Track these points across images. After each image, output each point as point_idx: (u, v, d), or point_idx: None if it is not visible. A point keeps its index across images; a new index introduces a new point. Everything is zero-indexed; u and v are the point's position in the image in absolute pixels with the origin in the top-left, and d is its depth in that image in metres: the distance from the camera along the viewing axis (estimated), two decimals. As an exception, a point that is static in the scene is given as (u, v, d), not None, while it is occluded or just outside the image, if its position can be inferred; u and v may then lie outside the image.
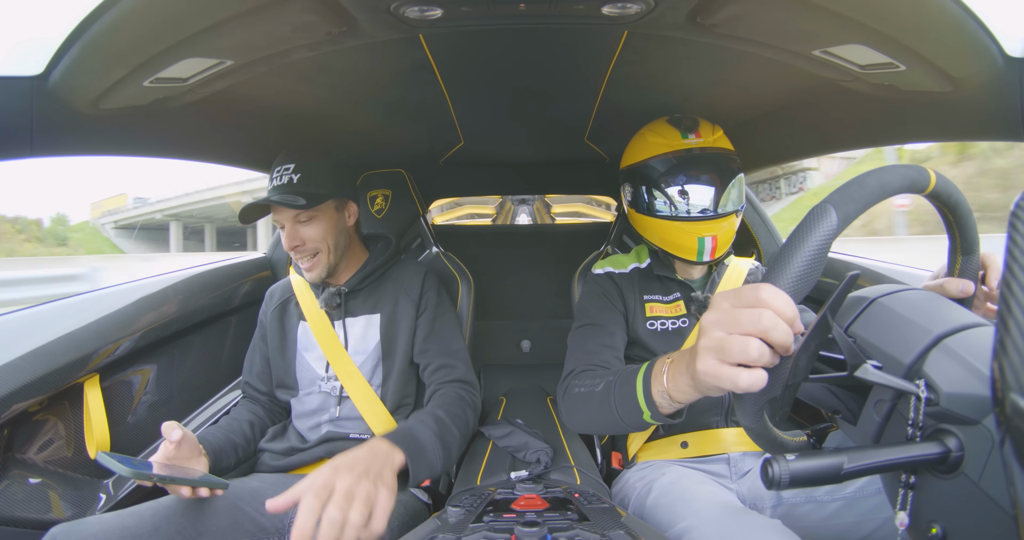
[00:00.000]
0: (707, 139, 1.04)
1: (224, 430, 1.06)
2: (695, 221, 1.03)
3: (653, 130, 1.09)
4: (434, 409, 1.00)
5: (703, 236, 1.02)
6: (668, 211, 1.05)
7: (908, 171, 0.52)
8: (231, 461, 1.03)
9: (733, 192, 1.05)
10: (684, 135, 1.04)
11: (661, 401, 0.67)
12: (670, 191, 1.05)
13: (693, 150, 1.03)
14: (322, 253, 1.09)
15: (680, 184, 1.04)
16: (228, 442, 1.03)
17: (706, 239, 1.03)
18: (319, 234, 1.08)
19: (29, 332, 0.92)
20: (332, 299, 1.13)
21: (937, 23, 0.63)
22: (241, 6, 0.62)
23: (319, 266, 1.09)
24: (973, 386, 0.44)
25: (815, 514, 0.87)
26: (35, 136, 0.72)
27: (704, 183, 1.04)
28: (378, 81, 1.03)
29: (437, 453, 0.89)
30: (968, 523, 0.43)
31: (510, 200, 4.47)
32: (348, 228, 1.15)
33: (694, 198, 1.04)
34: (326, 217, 1.09)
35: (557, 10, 0.70)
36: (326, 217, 1.09)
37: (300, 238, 1.07)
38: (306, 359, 1.15)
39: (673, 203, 1.05)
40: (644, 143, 1.09)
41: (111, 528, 0.77)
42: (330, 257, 1.10)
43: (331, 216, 1.11)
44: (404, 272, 1.21)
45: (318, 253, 1.09)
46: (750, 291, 0.47)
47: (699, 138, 1.04)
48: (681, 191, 1.04)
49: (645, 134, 1.10)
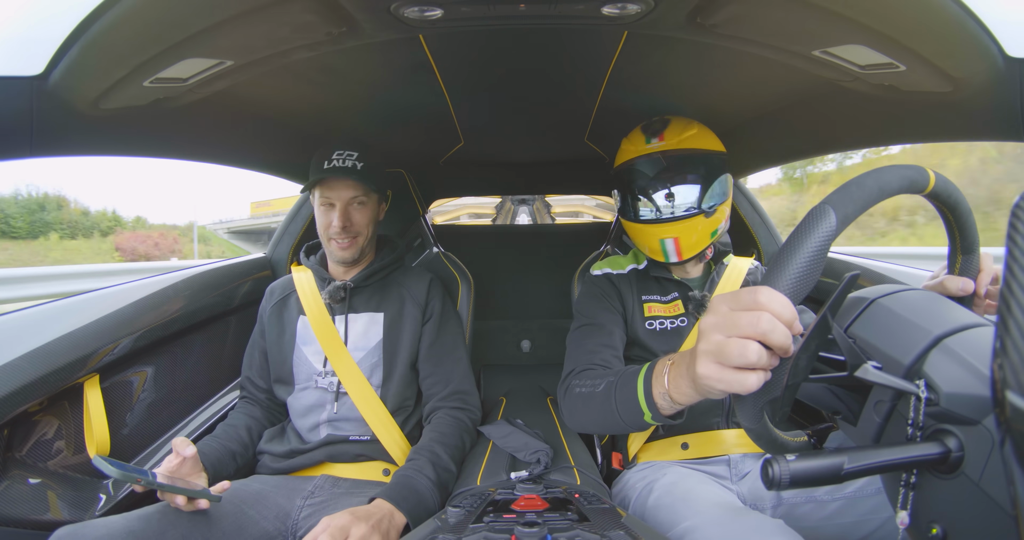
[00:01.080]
0: (670, 142, 1.04)
1: (221, 439, 1.07)
2: (655, 224, 1.05)
3: (628, 137, 1.12)
4: (432, 445, 1.02)
5: (664, 238, 1.04)
6: (632, 215, 1.09)
7: (907, 171, 0.52)
8: (230, 470, 1.04)
9: (696, 192, 1.04)
10: (648, 140, 1.06)
11: (662, 402, 0.67)
12: (636, 195, 1.08)
13: (653, 154, 1.05)
14: (361, 236, 1.15)
15: (639, 188, 1.07)
16: (226, 452, 1.04)
17: (667, 241, 1.04)
18: (366, 220, 1.15)
19: (29, 332, 0.92)
20: (337, 292, 1.15)
21: (937, 23, 0.63)
22: (241, 6, 0.62)
23: (354, 247, 1.15)
24: (973, 386, 0.44)
25: (815, 514, 0.87)
26: (35, 136, 0.72)
27: (660, 187, 1.05)
28: (378, 81, 1.03)
29: (435, 499, 0.93)
30: (968, 523, 0.43)
31: (510, 200, 4.47)
32: (378, 223, 1.22)
33: (654, 201, 1.06)
34: (373, 206, 1.17)
35: (557, 10, 0.70)
36: (373, 206, 1.17)
37: (351, 219, 1.13)
38: (304, 353, 1.15)
39: (636, 207, 1.08)
40: (621, 150, 1.12)
41: (117, 531, 0.77)
42: (365, 243, 1.16)
43: (376, 207, 1.19)
44: (409, 277, 1.24)
45: (359, 236, 1.15)
46: (748, 294, 0.47)
47: (661, 141, 1.05)
48: (642, 195, 1.07)
49: (623, 141, 1.13)
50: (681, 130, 1.05)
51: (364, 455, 1.09)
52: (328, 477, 1.07)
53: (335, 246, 1.14)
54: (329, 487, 1.03)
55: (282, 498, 0.98)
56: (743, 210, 1.60)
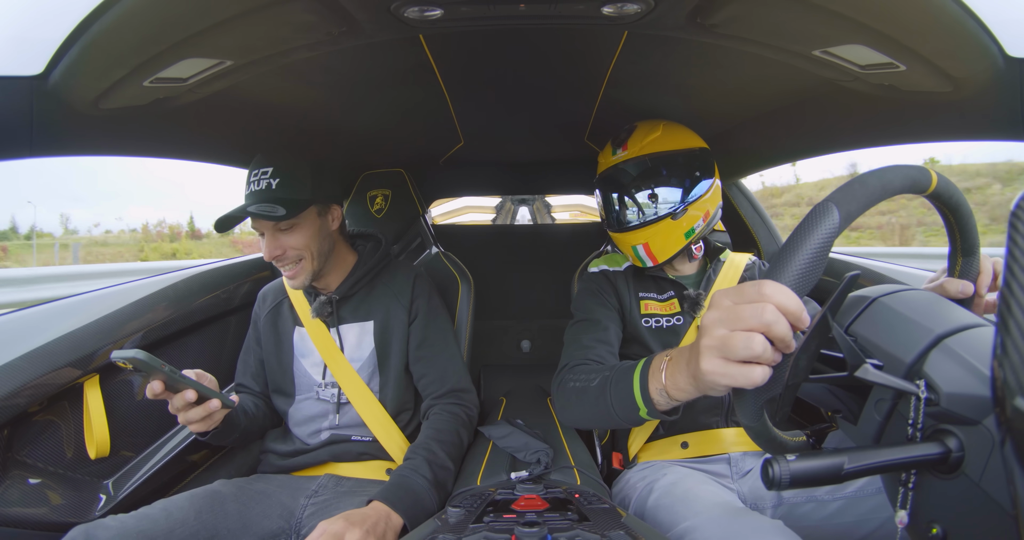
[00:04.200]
0: (633, 150, 1.06)
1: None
2: (626, 232, 1.08)
3: (603, 149, 1.14)
4: (428, 443, 1.00)
5: (635, 245, 1.07)
6: (608, 224, 1.13)
7: (910, 171, 0.52)
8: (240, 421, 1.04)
9: (661, 195, 1.05)
10: (614, 152, 1.09)
11: (659, 398, 0.67)
12: (608, 206, 1.12)
13: (617, 165, 1.08)
14: (305, 260, 1.05)
15: (607, 199, 1.11)
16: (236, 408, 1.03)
17: (638, 247, 1.07)
18: (302, 242, 1.03)
19: (29, 332, 0.92)
20: (323, 308, 1.11)
21: (937, 23, 0.63)
22: (241, 6, 0.62)
23: (303, 273, 1.06)
24: (973, 386, 0.43)
25: (816, 514, 0.87)
26: (35, 136, 0.72)
27: (625, 195, 1.09)
28: (378, 81, 1.03)
29: (433, 499, 0.92)
30: (969, 523, 0.43)
31: (510, 200, 4.46)
32: (332, 232, 1.11)
33: (619, 211, 1.10)
34: (308, 224, 1.04)
35: (557, 10, 0.70)
36: (308, 224, 1.04)
37: (281, 247, 1.02)
38: (303, 365, 1.14)
39: (611, 216, 1.12)
40: (598, 162, 1.15)
41: (129, 530, 0.78)
42: (314, 263, 1.06)
43: (313, 222, 1.05)
44: (394, 276, 1.18)
45: (301, 260, 1.04)
46: (752, 287, 0.47)
47: (625, 151, 1.07)
48: (608, 205, 1.12)
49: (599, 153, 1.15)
50: (644, 135, 1.06)
51: (367, 454, 1.09)
52: (332, 476, 1.07)
53: (283, 274, 1.07)
54: (333, 486, 1.03)
55: (286, 497, 0.98)
56: (743, 210, 1.60)
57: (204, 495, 0.91)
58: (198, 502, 0.88)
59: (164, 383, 0.80)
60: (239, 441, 1.08)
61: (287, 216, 0.98)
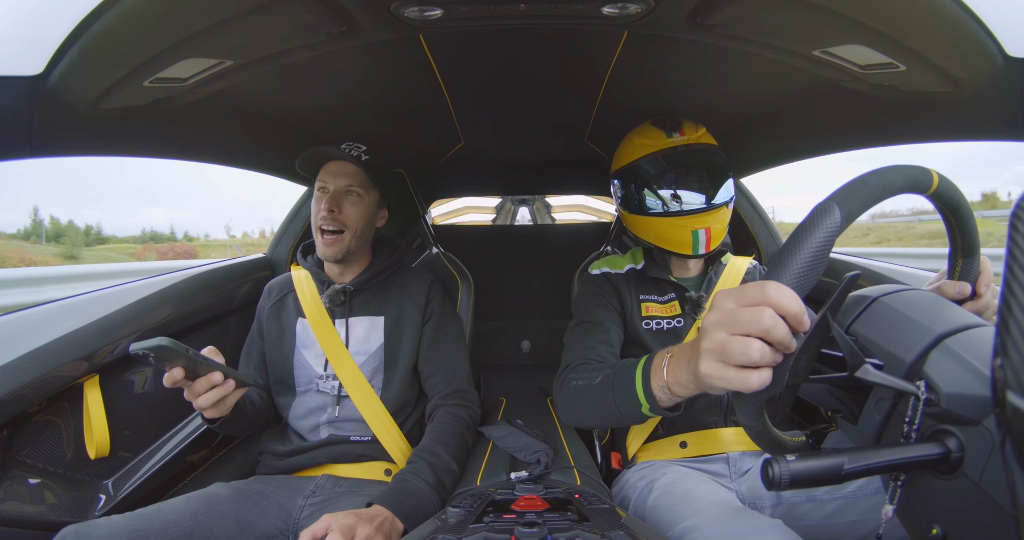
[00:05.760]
0: (691, 136, 1.07)
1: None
2: (687, 215, 1.05)
3: (639, 133, 1.11)
4: (432, 446, 1.01)
5: (696, 229, 1.05)
6: (660, 208, 1.08)
7: (911, 171, 0.52)
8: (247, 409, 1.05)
9: (719, 184, 1.07)
10: (669, 134, 1.07)
11: (661, 395, 0.67)
12: (661, 188, 1.08)
13: (679, 147, 1.06)
14: (348, 232, 1.11)
15: (670, 181, 1.07)
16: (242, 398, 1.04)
17: (700, 232, 1.05)
18: (356, 214, 1.11)
19: (29, 332, 0.92)
20: (337, 296, 1.14)
21: (937, 23, 0.63)
22: (241, 6, 0.62)
23: (338, 244, 1.11)
24: (973, 386, 0.43)
25: (815, 513, 0.87)
26: (35, 136, 0.72)
27: (693, 178, 1.07)
28: (378, 81, 1.03)
29: (434, 501, 0.93)
30: (969, 524, 0.43)
31: (510, 200, 4.47)
32: (375, 225, 1.19)
33: (685, 193, 1.07)
34: (368, 204, 1.13)
35: (557, 10, 0.70)
36: (368, 204, 1.13)
37: (340, 207, 1.09)
38: (304, 356, 1.15)
39: (665, 200, 1.08)
40: (631, 146, 1.11)
41: (120, 530, 0.78)
42: (352, 241, 1.12)
43: (372, 206, 1.14)
44: (409, 279, 1.23)
45: (344, 231, 1.10)
46: (754, 288, 0.47)
47: (683, 136, 1.07)
48: (672, 187, 1.07)
49: (632, 137, 1.13)
50: (694, 127, 1.09)
51: (366, 455, 1.09)
52: (329, 477, 1.07)
53: (320, 240, 1.11)
54: (330, 486, 1.03)
55: (283, 497, 0.98)
56: (743, 210, 1.60)
57: (200, 497, 0.91)
58: (193, 503, 0.88)
59: (184, 369, 0.80)
60: (244, 430, 1.09)
61: (371, 179, 1.11)
